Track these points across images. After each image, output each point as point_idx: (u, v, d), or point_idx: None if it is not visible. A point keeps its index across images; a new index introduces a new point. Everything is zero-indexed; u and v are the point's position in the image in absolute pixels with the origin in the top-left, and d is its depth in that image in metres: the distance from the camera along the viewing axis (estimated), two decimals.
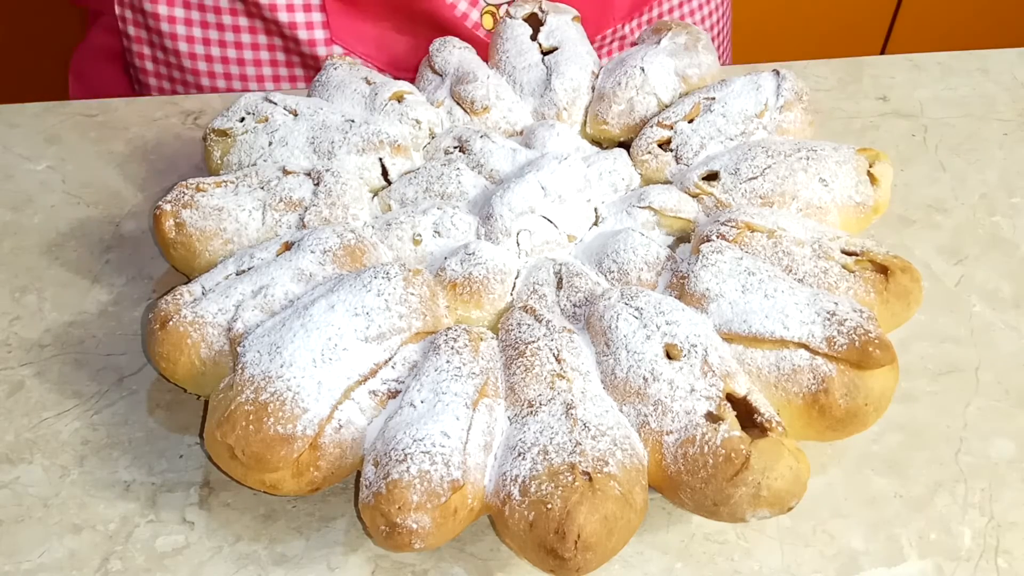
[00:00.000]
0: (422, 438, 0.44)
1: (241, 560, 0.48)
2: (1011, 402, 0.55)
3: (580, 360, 0.49)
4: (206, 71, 0.83)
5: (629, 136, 0.65)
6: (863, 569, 0.48)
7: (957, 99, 0.77)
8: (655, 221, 0.58)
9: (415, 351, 0.50)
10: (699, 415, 0.46)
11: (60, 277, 0.62)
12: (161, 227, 0.56)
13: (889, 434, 0.53)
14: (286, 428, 0.45)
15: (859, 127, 0.74)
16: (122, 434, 0.53)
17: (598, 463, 0.44)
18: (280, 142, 0.62)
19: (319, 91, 0.67)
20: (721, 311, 0.50)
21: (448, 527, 0.44)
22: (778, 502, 0.45)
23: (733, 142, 0.61)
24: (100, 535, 0.49)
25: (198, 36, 0.81)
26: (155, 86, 0.86)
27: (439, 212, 0.57)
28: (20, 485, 0.51)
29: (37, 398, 0.55)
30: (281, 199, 0.57)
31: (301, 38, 0.79)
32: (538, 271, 0.56)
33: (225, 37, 0.81)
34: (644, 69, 0.65)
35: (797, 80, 0.63)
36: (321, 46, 0.80)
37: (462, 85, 0.66)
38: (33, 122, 0.75)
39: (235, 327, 0.50)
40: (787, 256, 0.53)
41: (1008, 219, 0.66)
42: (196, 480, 0.51)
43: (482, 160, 0.61)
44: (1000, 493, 0.51)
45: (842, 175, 0.58)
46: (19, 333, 0.59)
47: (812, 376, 0.48)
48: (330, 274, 0.53)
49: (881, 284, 0.52)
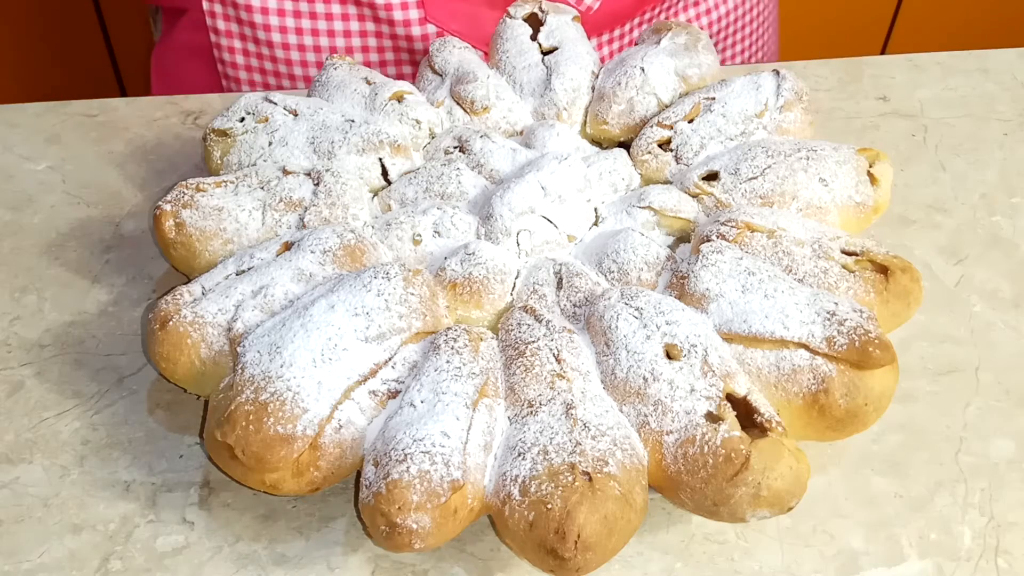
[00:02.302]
0: (422, 438, 0.44)
1: (241, 560, 0.48)
2: (1011, 402, 0.55)
3: (580, 360, 0.49)
4: (299, 60, 0.82)
5: (629, 136, 0.65)
6: (863, 569, 0.48)
7: (957, 99, 0.77)
8: (655, 221, 0.58)
9: (415, 351, 0.50)
10: (699, 415, 0.46)
11: (60, 277, 0.62)
12: (161, 227, 0.56)
13: (889, 434, 0.53)
14: (286, 428, 0.45)
15: (859, 127, 0.74)
16: (122, 434, 0.53)
17: (598, 463, 0.44)
18: (280, 142, 0.62)
19: (319, 91, 0.67)
20: (721, 311, 0.50)
21: (448, 527, 0.44)
22: (778, 502, 0.45)
23: (733, 142, 0.61)
24: (100, 535, 0.49)
25: (291, 26, 0.81)
26: (245, 79, 0.86)
27: (439, 212, 0.57)
28: (20, 485, 0.51)
29: (37, 398, 0.55)
30: (281, 199, 0.57)
31: (396, 19, 0.79)
32: (538, 271, 0.56)
33: (318, 25, 0.81)
34: (644, 69, 0.65)
35: (797, 80, 0.63)
36: (416, 26, 0.80)
37: (462, 85, 0.66)
38: (33, 122, 0.75)
39: (235, 327, 0.50)
40: (787, 256, 0.53)
41: (1008, 219, 0.66)
42: (196, 480, 0.51)
43: (482, 160, 0.61)
44: (1000, 493, 0.51)
45: (842, 175, 0.58)
46: (19, 333, 0.59)
47: (812, 376, 0.48)
48: (330, 274, 0.53)
49: (881, 284, 0.52)
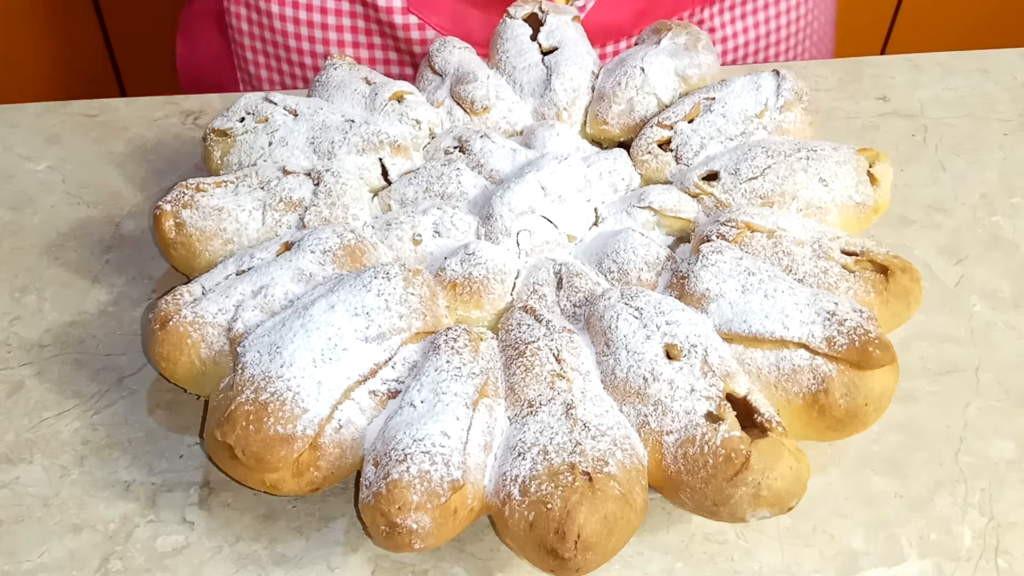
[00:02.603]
0: (422, 438, 0.44)
1: (241, 560, 0.48)
2: (1011, 402, 0.55)
3: (580, 360, 0.49)
4: (293, 33, 0.85)
5: (629, 136, 0.65)
6: (863, 569, 0.48)
7: (957, 99, 0.77)
8: (655, 221, 0.58)
9: (415, 351, 0.50)
10: (699, 415, 0.46)
11: (60, 277, 0.62)
12: (161, 227, 0.56)
13: (889, 434, 0.53)
14: (286, 428, 0.45)
15: (859, 127, 0.74)
16: (122, 434, 0.53)
17: (598, 463, 0.44)
18: (280, 142, 0.62)
19: (319, 91, 0.67)
20: (721, 311, 0.50)
21: (448, 527, 0.44)
22: (778, 502, 0.45)
23: (733, 142, 0.61)
24: (100, 535, 0.49)
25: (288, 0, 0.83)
26: (248, 46, 0.88)
27: (439, 212, 0.57)
28: (20, 485, 0.51)
29: (37, 398, 0.55)
30: (281, 199, 0.57)
31: (380, 4, 0.81)
32: (538, 271, 0.55)
33: (312, 0, 0.82)
34: (644, 69, 0.65)
35: (797, 80, 0.63)
36: (398, 14, 0.81)
37: (462, 85, 0.66)
38: (33, 122, 0.75)
39: (235, 327, 0.50)
40: (787, 256, 0.53)
41: (1008, 219, 0.66)
42: (196, 480, 0.51)
43: (482, 160, 0.61)
44: (1000, 493, 0.50)
45: (842, 175, 0.58)
46: (19, 333, 0.59)
47: (812, 376, 0.48)
48: (330, 274, 0.53)
49: (881, 284, 0.52)
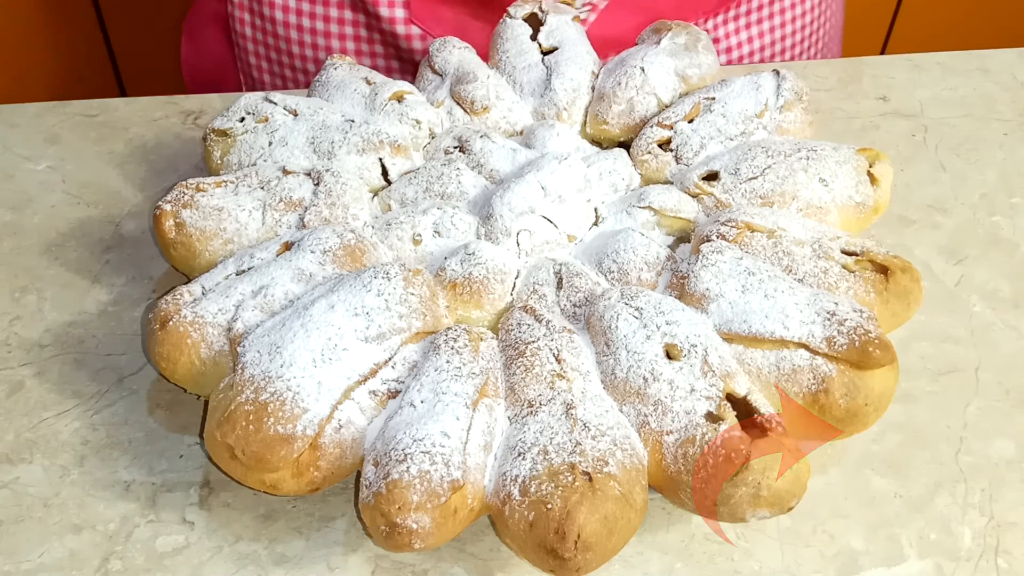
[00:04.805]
0: (422, 438, 0.44)
1: (241, 560, 0.48)
2: (1011, 402, 0.55)
3: (580, 360, 0.49)
4: (296, 40, 0.85)
5: (629, 136, 0.65)
6: (863, 569, 0.48)
7: (957, 99, 0.77)
8: (655, 221, 0.58)
9: (415, 351, 0.50)
10: (699, 415, 0.46)
11: (60, 277, 0.62)
12: (161, 227, 0.56)
13: (889, 434, 0.53)
14: (286, 428, 0.45)
15: (859, 127, 0.74)
16: (122, 434, 0.53)
17: (598, 463, 0.44)
18: (280, 142, 0.62)
19: (319, 91, 0.67)
20: (721, 311, 0.50)
21: (448, 527, 0.44)
22: (778, 502, 0.45)
23: (733, 142, 0.61)
24: (100, 535, 0.49)
25: (292, 5, 0.83)
26: (252, 51, 0.89)
27: (439, 212, 0.57)
28: (20, 485, 0.51)
29: (37, 398, 0.55)
30: (281, 199, 0.57)
31: (382, 15, 0.81)
32: (538, 271, 0.56)
33: (315, 9, 0.83)
34: (644, 69, 0.65)
35: (797, 80, 0.63)
36: (401, 25, 0.81)
37: (462, 85, 0.66)
38: (33, 122, 0.75)
39: (235, 327, 0.50)
40: (787, 256, 0.53)
41: (1008, 219, 0.66)
42: (196, 480, 0.51)
43: (482, 160, 0.61)
44: (1000, 493, 0.50)
45: (842, 175, 0.58)
46: (19, 333, 0.59)
47: (812, 376, 0.48)
48: (330, 274, 0.53)
49: (881, 284, 0.52)
